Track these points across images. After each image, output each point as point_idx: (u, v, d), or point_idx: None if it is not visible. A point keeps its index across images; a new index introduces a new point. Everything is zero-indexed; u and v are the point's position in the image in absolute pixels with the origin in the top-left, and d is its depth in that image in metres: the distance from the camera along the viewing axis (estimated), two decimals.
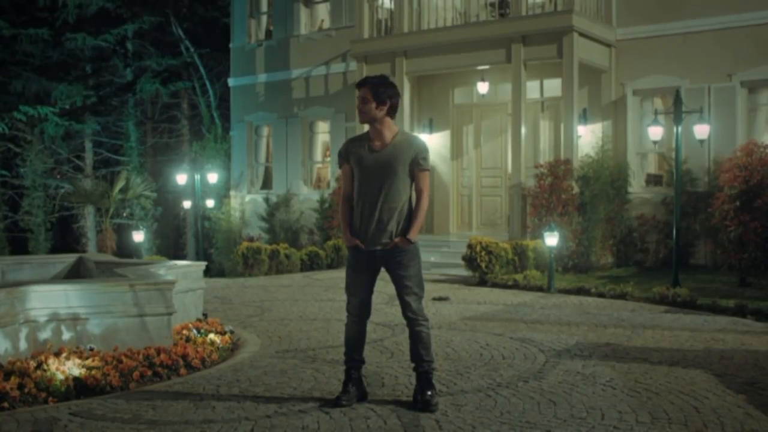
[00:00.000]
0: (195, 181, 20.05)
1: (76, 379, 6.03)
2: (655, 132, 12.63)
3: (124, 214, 28.13)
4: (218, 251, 21.52)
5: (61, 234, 30.24)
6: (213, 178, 20.63)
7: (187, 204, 22.93)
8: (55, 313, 6.60)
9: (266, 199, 20.64)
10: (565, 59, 14.54)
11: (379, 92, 5.48)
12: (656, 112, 13.09)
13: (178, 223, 30.91)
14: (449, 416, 5.26)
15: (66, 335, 6.63)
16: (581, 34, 14.71)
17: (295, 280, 14.29)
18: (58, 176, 29.56)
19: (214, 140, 25.68)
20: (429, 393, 5.45)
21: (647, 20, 15.38)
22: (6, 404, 5.58)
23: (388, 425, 5.08)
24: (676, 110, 11.80)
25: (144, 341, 6.82)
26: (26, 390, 5.74)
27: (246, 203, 21.44)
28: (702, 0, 14.86)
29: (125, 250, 23.77)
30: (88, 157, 30.24)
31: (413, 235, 5.48)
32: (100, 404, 5.65)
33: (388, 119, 5.55)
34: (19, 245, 28.82)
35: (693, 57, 14.88)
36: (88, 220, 29.05)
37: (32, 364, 6.09)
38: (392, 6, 17.12)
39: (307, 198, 19.93)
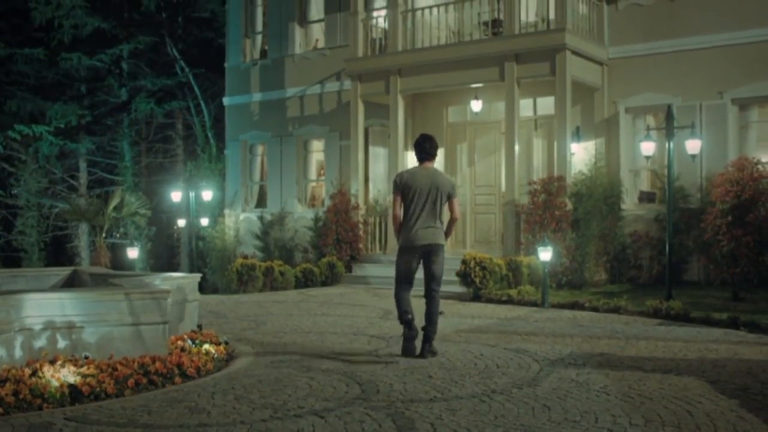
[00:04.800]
0: (189, 199, 20.07)
1: (71, 386, 6.02)
2: (648, 147, 12.72)
3: (117, 235, 28.12)
4: (212, 270, 21.48)
5: (54, 253, 30.20)
6: (207, 195, 20.65)
7: (181, 222, 22.91)
8: (51, 321, 6.60)
9: (260, 218, 20.67)
10: (558, 77, 14.67)
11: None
12: (648, 128, 13.20)
13: (171, 243, 30.89)
14: (444, 420, 5.28)
15: (61, 343, 6.63)
16: (574, 53, 14.85)
17: (289, 297, 14.30)
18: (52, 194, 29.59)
19: (208, 160, 25.73)
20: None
21: (639, 39, 15.54)
22: (1, 410, 5.57)
23: (383, 428, 5.10)
24: (668, 125, 11.90)
25: (139, 350, 6.82)
26: (21, 396, 5.73)
27: (240, 222, 21.46)
28: (693, 19, 15.04)
29: (119, 268, 23.71)
30: (83, 176, 30.28)
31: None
32: (95, 410, 5.66)
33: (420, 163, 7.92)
34: (12, 265, 28.73)
35: (684, 75, 15.02)
36: (82, 239, 29.03)
37: (27, 371, 6.08)
38: (386, 25, 17.27)
39: (301, 216, 19.96)
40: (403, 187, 7.66)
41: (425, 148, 7.78)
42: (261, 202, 21.67)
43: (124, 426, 5.21)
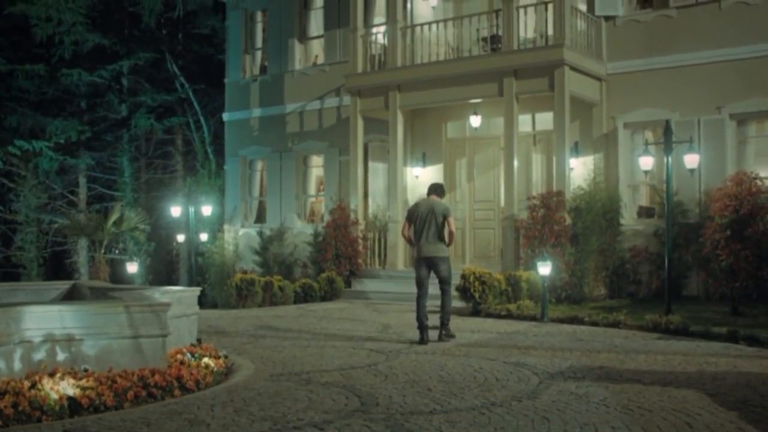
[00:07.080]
0: (189, 214, 20.06)
1: (70, 398, 6.02)
2: (646, 162, 12.76)
3: (116, 250, 28.08)
4: (211, 285, 21.42)
5: (53, 269, 30.16)
6: (207, 211, 20.65)
7: (180, 238, 22.90)
8: (50, 333, 6.60)
9: (260, 233, 20.66)
10: (557, 92, 14.72)
11: None
12: (647, 142, 13.24)
13: (170, 259, 30.87)
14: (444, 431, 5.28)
15: (60, 356, 6.62)
16: (572, 68, 14.91)
17: (288, 312, 14.30)
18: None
19: (207, 176, 25.76)
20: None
21: (637, 55, 15.61)
22: (0, 422, 5.57)
23: None
24: (667, 140, 11.94)
25: (138, 363, 6.81)
26: (20, 408, 5.74)
27: (240, 237, 21.44)
28: (690, 35, 15.11)
29: (118, 283, 23.63)
30: (82, 192, 30.27)
31: None
32: (94, 422, 5.65)
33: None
34: (11, 281, 28.67)
35: (682, 90, 15.08)
36: (81, 255, 28.98)
37: (26, 383, 6.08)
38: (386, 41, 17.34)
39: (300, 231, 19.96)
40: (409, 215, 10.27)
41: (435, 187, 10.42)
42: (260, 218, 21.70)
43: None
